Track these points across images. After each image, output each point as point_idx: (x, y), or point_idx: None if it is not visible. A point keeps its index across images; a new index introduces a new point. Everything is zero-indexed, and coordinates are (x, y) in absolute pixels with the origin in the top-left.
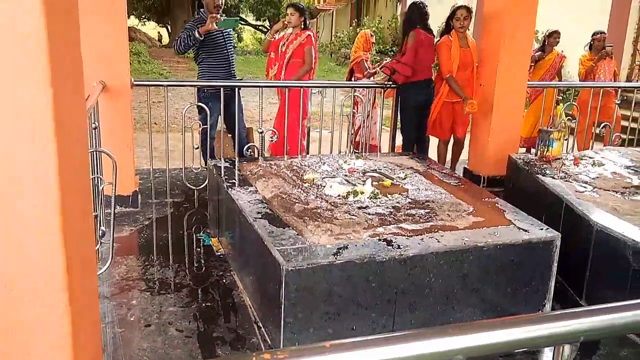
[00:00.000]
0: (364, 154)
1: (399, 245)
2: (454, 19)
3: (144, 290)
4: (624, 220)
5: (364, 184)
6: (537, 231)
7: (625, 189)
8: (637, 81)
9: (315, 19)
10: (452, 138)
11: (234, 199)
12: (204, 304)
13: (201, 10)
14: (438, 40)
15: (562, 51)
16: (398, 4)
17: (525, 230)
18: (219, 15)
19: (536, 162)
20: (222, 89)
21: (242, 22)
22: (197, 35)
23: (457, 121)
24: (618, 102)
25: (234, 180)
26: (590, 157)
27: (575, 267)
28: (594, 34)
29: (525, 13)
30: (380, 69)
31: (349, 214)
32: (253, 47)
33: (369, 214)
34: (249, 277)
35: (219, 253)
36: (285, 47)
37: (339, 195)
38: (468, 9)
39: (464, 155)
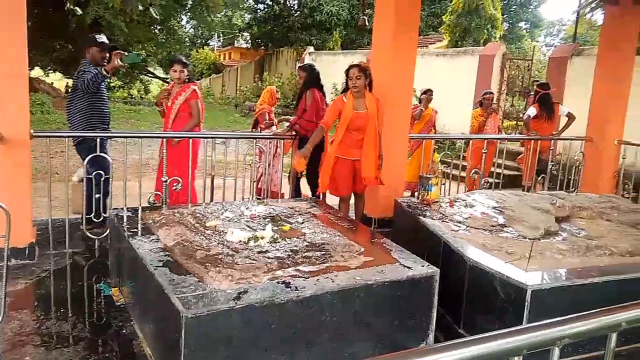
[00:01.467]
0: (265, 200)
1: (296, 287)
2: (348, 78)
3: (38, 345)
4: (492, 255)
5: (264, 229)
6: (419, 268)
7: (492, 227)
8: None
9: (221, 74)
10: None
11: (134, 247)
12: (102, 356)
13: (83, 61)
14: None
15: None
16: (297, 62)
17: (409, 267)
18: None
19: (418, 205)
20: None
21: (151, 75)
22: (104, 72)
23: (357, 179)
24: (485, 152)
25: (135, 229)
26: (463, 200)
27: (453, 298)
28: (484, 94)
29: (404, 76)
30: (288, 127)
31: (250, 258)
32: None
33: (268, 258)
34: (149, 326)
35: (119, 303)
36: (172, 102)
37: (240, 241)
38: (361, 68)
39: None
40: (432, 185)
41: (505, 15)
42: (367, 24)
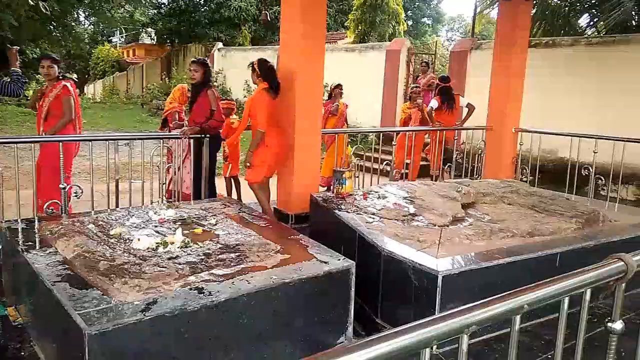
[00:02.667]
0: (176, 202)
1: (210, 292)
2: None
3: None
4: (405, 245)
5: (174, 234)
6: (336, 262)
7: (404, 217)
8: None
9: (125, 72)
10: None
11: (30, 262)
12: None
13: None
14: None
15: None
16: (206, 58)
17: (326, 262)
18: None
19: (332, 199)
20: None
21: None
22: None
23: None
24: (394, 144)
25: (30, 242)
26: (375, 192)
27: (371, 289)
28: (412, 88)
29: (315, 71)
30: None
31: (159, 266)
32: None
33: (179, 263)
34: (51, 346)
35: (16, 323)
36: (42, 101)
37: (148, 248)
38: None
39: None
40: (345, 179)
41: (409, 12)
42: (268, 19)
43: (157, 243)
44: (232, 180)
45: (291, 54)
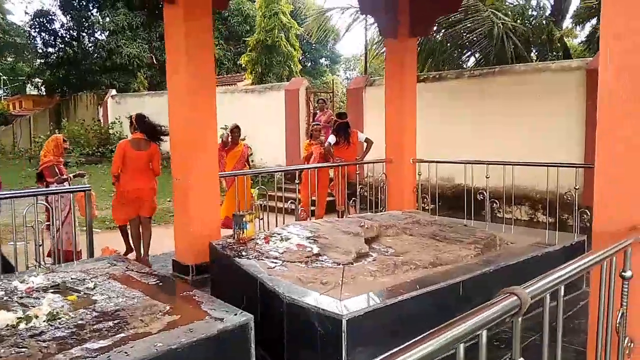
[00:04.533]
0: (53, 266)
1: None
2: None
3: None
4: (308, 289)
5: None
6: (232, 317)
7: (307, 257)
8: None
9: (11, 125)
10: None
11: None
12: None
13: None
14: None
15: (246, 143)
16: (99, 108)
17: (220, 319)
18: None
19: (233, 245)
20: None
21: None
22: None
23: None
24: (297, 182)
25: None
26: (278, 234)
27: (275, 340)
28: (312, 125)
29: (207, 112)
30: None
31: (18, 347)
32: None
33: (44, 341)
34: None
35: None
36: None
37: (7, 326)
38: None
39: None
40: (246, 222)
41: (307, 53)
42: (155, 61)
43: (18, 319)
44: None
45: (180, 101)
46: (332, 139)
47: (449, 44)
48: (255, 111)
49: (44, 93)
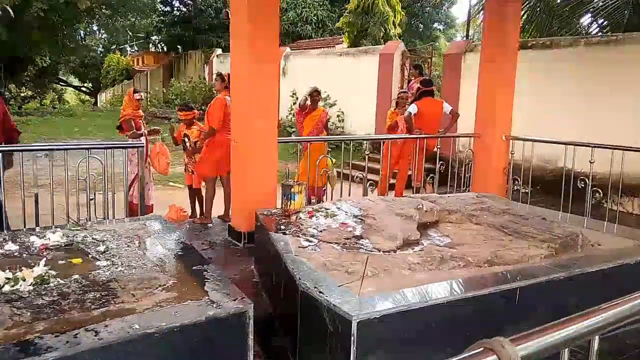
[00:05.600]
0: (82, 221)
1: (36, 350)
2: None
3: None
4: (328, 277)
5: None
6: (229, 304)
7: (346, 239)
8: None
9: (132, 80)
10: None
11: None
12: None
13: None
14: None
15: (325, 107)
16: (205, 66)
17: (215, 304)
18: None
19: (276, 217)
20: None
21: (64, 83)
22: None
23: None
24: (366, 153)
25: None
26: (326, 209)
27: (290, 329)
28: (399, 93)
29: (269, 77)
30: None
31: None
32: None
33: (18, 308)
34: None
35: None
36: None
37: None
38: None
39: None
40: (295, 193)
41: (419, 16)
42: (229, 17)
43: (6, 279)
44: (196, 193)
45: (243, 68)
46: (413, 108)
47: (567, 8)
48: (348, 75)
49: (164, 50)
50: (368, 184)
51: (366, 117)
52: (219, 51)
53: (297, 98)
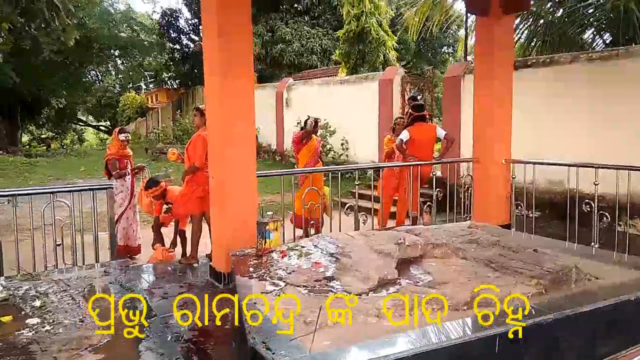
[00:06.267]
0: (32, 273)
1: None
2: None
3: None
4: (282, 329)
5: None
6: None
7: (317, 281)
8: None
9: (145, 117)
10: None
11: None
12: None
13: None
14: None
15: (325, 136)
16: None
17: None
18: None
19: (248, 258)
20: None
21: (82, 123)
22: None
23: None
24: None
25: None
26: (302, 247)
27: None
28: (395, 119)
29: (244, 109)
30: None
31: None
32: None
33: None
34: None
35: None
36: None
37: None
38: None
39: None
40: (270, 231)
41: (427, 41)
42: (202, 49)
43: None
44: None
45: (215, 92)
46: (404, 134)
47: (564, 21)
48: (350, 103)
49: (174, 87)
50: (360, 215)
51: (369, 145)
52: None
53: (301, 127)
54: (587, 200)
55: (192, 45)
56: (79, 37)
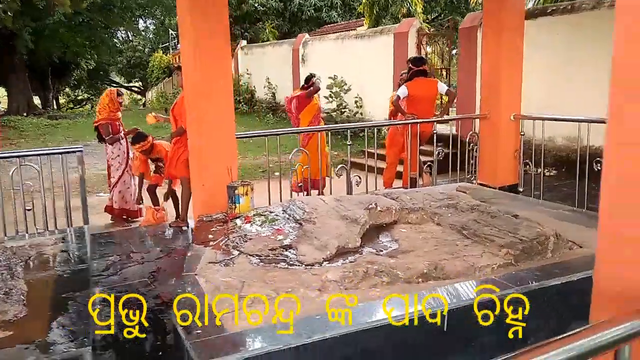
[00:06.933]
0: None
1: None
2: None
3: None
4: (210, 305)
5: None
6: (61, 347)
7: (271, 250)
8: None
9: (171, 77)
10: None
11: None
12: None
13: None
14: None
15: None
16: (232, 57)
17: (48, 347)
18: None
19: (213, 223)
20: None
21: (115, 84)
22: None
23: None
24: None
25: None
26: (270, 212)
27: None
28: (401, 74)
29: (219, 68)
30: None
31: None
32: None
33: None
34: None
35: None
36: None
37: None
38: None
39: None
40: (239, 195)
41: None
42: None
43: None
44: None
45: (191, 50)
46: (401, 91)
47: None
48: (365, 58)
49: None
50: (353, 176)
51: (385, 101)
52: (243, 42)
53: (301, 86)
54: (597, 159)
55: None
56: None
